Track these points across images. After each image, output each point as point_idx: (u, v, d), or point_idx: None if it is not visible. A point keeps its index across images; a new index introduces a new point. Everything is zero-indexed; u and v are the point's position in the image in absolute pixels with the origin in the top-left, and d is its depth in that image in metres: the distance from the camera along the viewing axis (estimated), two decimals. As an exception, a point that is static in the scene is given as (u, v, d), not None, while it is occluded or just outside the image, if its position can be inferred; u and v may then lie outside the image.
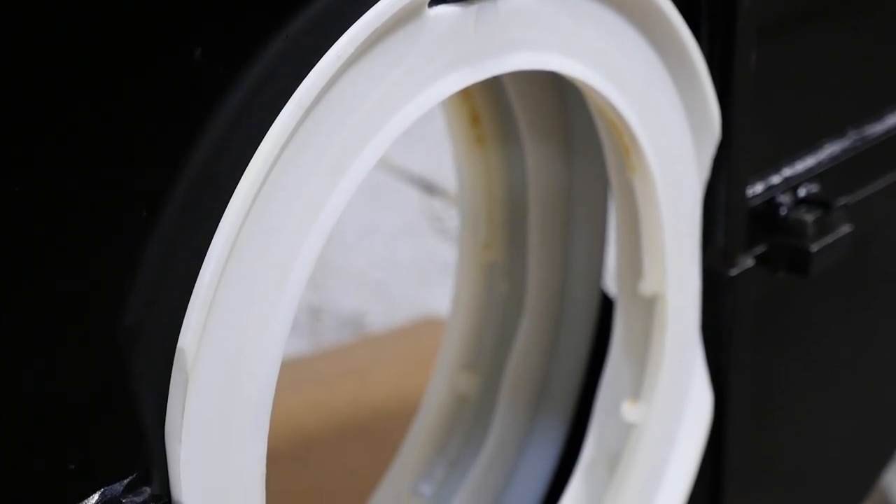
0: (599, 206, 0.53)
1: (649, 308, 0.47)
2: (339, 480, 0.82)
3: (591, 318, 0.55)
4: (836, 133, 0.53)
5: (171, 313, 0.31)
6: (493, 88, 0.52)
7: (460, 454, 0.56)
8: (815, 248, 0.49)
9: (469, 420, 0.56)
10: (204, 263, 0.31)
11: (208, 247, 0.31)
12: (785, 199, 0.50)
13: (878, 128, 0.54)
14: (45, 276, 0.29)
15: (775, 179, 0.50)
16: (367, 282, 1.22)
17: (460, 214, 0.55)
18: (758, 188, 0.50)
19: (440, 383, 0.56)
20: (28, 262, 0.29)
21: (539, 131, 0.50)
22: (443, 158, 1.20)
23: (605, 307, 0.55)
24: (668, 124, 0.44)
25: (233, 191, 0.31)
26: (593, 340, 0.55)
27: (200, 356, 0.32)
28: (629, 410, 0.48)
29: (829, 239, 0.50)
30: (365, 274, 1.22)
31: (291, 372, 0.95)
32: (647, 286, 0.46)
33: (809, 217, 0.49)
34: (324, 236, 0.34)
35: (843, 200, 0.51)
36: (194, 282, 0.31)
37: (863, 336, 0.59)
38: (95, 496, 0.31)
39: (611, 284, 0.51)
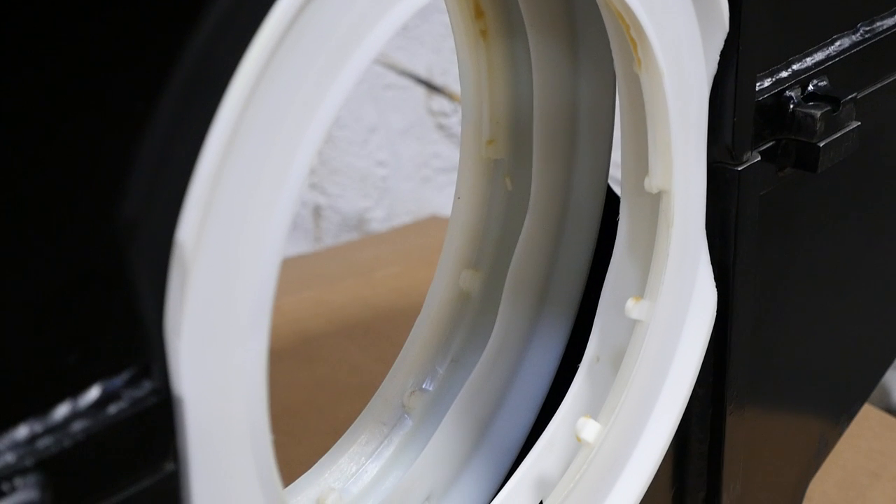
0: (605, 103, 0.52)
1: (654, 205, 0.47)
2: (341, 378, 0.82)
3: (596, 216, 0.54)
4: (846, 27, 0.52)
5: (170, 206, 0.31)
6: (498, -19, 0.51)
7: (463, 351, 0.56)
8: (823, 143, 0.49)
9: (472, 318, 0.56)
10: (202, 155, 0.31)
11: (206, 138, 0.31)
12: (793, 94, 0.49)
13: (889, 22, 0.54)
14: (39, 170, 0.28)
15: (784, 74, 0.49)
16: (370, 182, 1.22)
17: (463, 110, 0.54)
18: (766, 83, 0.49)
19: (443, 281, 0.56)
20: (22, 156, 0.28)
21: (544, 25, 0.50)
22: (447, 59, 1.19)
23: (610, 204, 0.54)
24: (675, 17, 0.43)
25: (231, 79, 0.31)
26: (598, 238, 0.55)
27: (200, 249, 0.31)
28: (633, 308, 0.47)
29: (837, 134, 0.49)
30: (368, 174, 1.21)
31: (294, 271, 0.95)
32: (653, 182, 0.46)
33: (818, 112, 0.49)
34: (326, 126, 0.34)
35: (851, 96, 0.50)
36: (193, 173, 0.31)
37: (868, 234, 0.58)
38: (95, 389, 0.30)
39: (616, 181, 0.51)
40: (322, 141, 0.34)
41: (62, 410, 0.30)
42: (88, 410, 0.30)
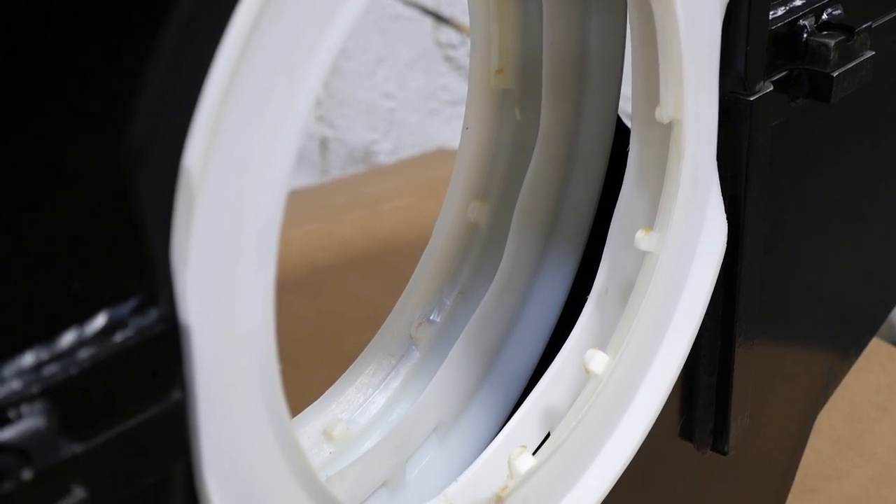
0: (616, 32, 0.51)
1: (665, 135, 0.46)
2: (348, 310, 0.82)
3: (606, 147, 0.54)
4: (862, -46, 0.51)
5: (176, 132, 0.30)
6: None
7: (471, 283, 0.55)
8: (836, 73, 0.48)
9: (480, 248, 0.55)
10: (208, 80, 0.30)
11: (213, 63, 0.30)
12: (807, 22, 0.49)
13: (905, -51, 0.53)
14: (44, 95, 0.28)
15: (798, 2, 0.49)
16: (377, 114, 1.21)
17: (471, 40, 0.53)
18: (779, 11, 0.48)
19: (450, 212, 0.55)
20: (26, 80, 0.28)
21: (554, -48, 0.49)
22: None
23: (620, 136, 0.54)
24: (688, -57, 0.43)
25: (238, 4, 0.30)
26: (607, 169, 0.54)
27: (206, 177, 0.31)
28: (643, 239, 0.47)
29: (850, 64, 0.49)
30: (375, 106, 1.21)
31: (300, 203, 0.95)
32: (664, 113, 0.45)
33: (832, 41, 0.48)
34: (332, 55, 0.33)
35: (866, 25, 0.50)
36: (199, 99, 0.30)
37: (880, 166, 0.58)
38: (101, 317, 0.30)
39: (626, 112, 0.50)
40: (328, 70, 0.34)
41: (68, 338, 0.30)
42: (94, 338, 0.30)
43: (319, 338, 0.79)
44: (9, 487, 0.28)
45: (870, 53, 0.50)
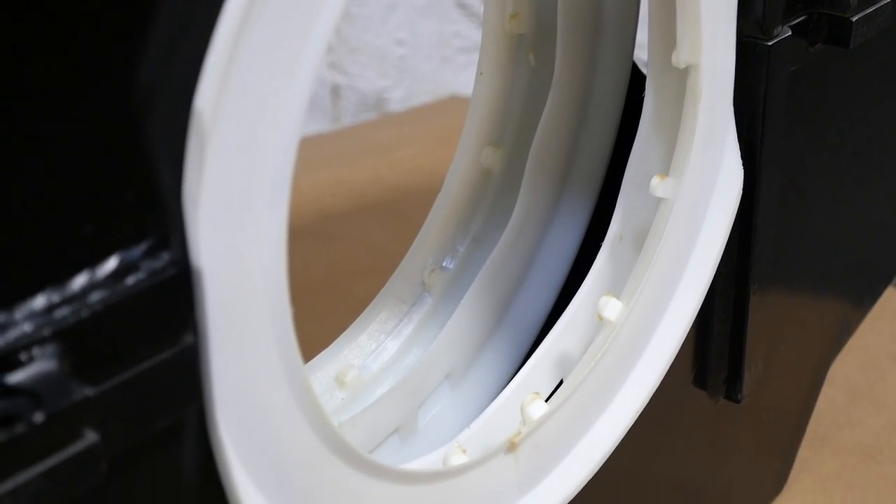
0: (631, -24, 0.51)
1: (681, 80, 0.46)
2: (361, 257, 0.82)
3: (621, 93, 0.53)
4: None
5: (188, 72, 0.30)
6: None
7: (484, 229, 0.55)
8: (856, 18, 0.48)
9: (493, 195, 0.55)
10: (221, 20, 0.30)
11: (225, 4, 0.30)
12: (827, -34, 0.48)
13: None
14: (55, 33, 0.28)
15: (818, -55, 0.48)
16: (389, 61, 1.20)
17: (486, -17, 0.53)
18: (799, -46, 0.48)
19: (464, 159, 0.55)
20: (37, 19, 0.27)
21: None
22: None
23: (635, 83, 0.53)
24: None
25: (250, -58, 0.30)
26: (622, 115, 0.54)
27: (218, 118, 0.31)
28: (658, 185, 0.47)
29: (870, 9, 0.48)
30: (387, 53, 1.20)
31: (312, 150, 0.95)
32: (681, 57, 0.45)
33: (852, -15, 0.47)
34: (346, -5, 0.33)
35: (886, -32, 0.49)
36: (211, 40, 0.30)
37: (898, 114, 0.57)
38: (113, 260, 0.30)
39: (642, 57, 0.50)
40: (341, 15, 0.33)
41: (80, 281, 0.30)
42: (106, 281, 0.30)
43: (331, 284, 0.79)
44: (21, 430, 0.28)
45: (890, -2, 0.50)
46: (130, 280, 0.30)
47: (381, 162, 0.93)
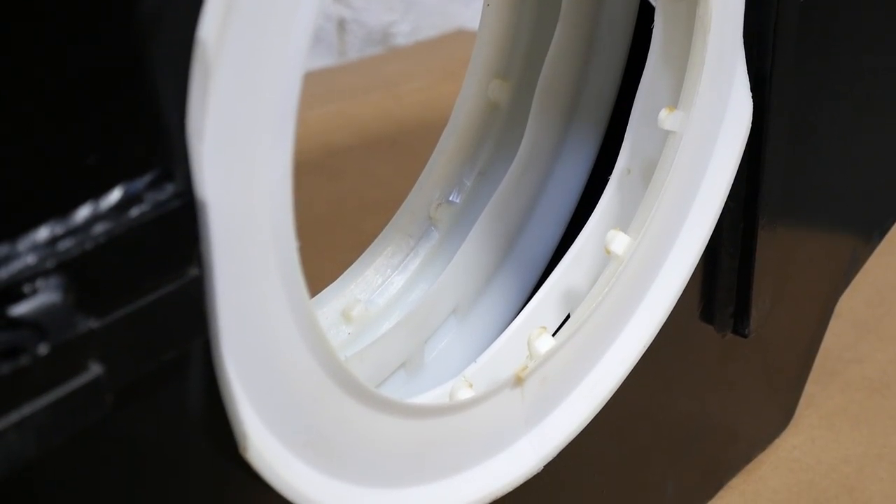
0: None
1: (691, 10, 0.45)
2: (367, 191, 0.81)
3: (629, 25, 0.53)
4: None
5: (191, 0, 0.30)
6: None
7: (491, 163, 0.55)
8: (869, -52, 0.47)
9: (500, 128, 0.55)
10: (223, -52, 0.30)
11: (228, -70, 0.29)
12: None
13: None
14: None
15: None
16: (396, -6, 1.19)
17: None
18: None
19: (471, 91, 0.55)
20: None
21: None
22: None
23: (643, 15, 0.53)
24: None
25: None
26: (630, 48, 0.53)
27: (222, 49, 0.30)
28: (667, 118, 0.46)
29: (884, -61, 0.48)
30: (393, -14, 1.19)
31: (318, 85, 0.94)
32: (690, -13, 0.44)
33: (865, -85, 0.47)
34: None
35: None
36: (213, -32, 0.30)
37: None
38: (116, 191, 0.30)
39: (651, -13, 0.49)
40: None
41: (83, 212, 0.29)
42: (110, 213, 0.30)
43: (338, 218, 0.78)
44: (25, 362, 0.28)
45: (903, -72, 0.49)
46: (134, 212, 0.30)
47: (388, 96, 0.93)
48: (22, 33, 0.27)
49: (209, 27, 0.30)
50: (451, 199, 0.55)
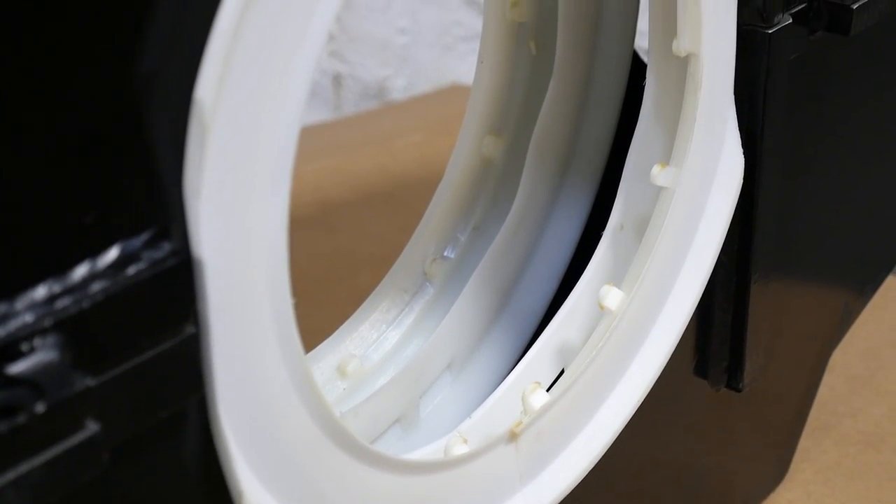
0: (632, -36, 0.51)
1: (682, 68, 0.46)
2: (362, 246, 0.82)
3: (621, 82, 0.53)
4: None
5: (188, 61, 0.30)
6: None
7: (485, 219, 0.55)
8: (856, 5, 0.47)
9: (494, 184, 0.55)
10: (221, 9, 0.30)
11: (225, -7, 0.30)
12: (827, -47, 0.48)
13: None
14: (58, 20, 0.28)
15: (819, -67, 0.48)
16: (391, 50, 1.20)
17: (487, -28, 0.53)
18: (800, -58, 0.48)
19: (465, 147, 0.55)
20: (39, 11, 0.27)
21: None
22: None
23: (636, 72, 0.53)
24: None
25: (249, -68, 0.30)
26: (623, 104, 0.54)
27: (219, 108, 0.31)
28: (659, 174, 0.47)
29: (871, -4, 0.48)
30: (388, 42, 1.20)
31: (314, 139, 0.94)
32: (681, 45, 0.45)
33: (852, -27, 0.47)
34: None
35: (887, -44, 0.49)
36: (211, 30, 0.30)
37: (900, 102, 0.57)
38: (114, 250, 0.30)
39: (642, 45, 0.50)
40: (341, 4, 0.33)
41: (81, 271, 0.30)
42: (107, 271, 0.30)
43: (333, 274, 0.79)
44: (22, 420, 0.28)
45: (891, -15, 0.49)
46: (131, 270, 0.30)
47: (383, 151, 0.93)
48: (20, 93, 0.28)
49: (206, 86, 0.30)
50: (445, 254, 0.55)
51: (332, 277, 0.78)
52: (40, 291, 0.29)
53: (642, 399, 0.48)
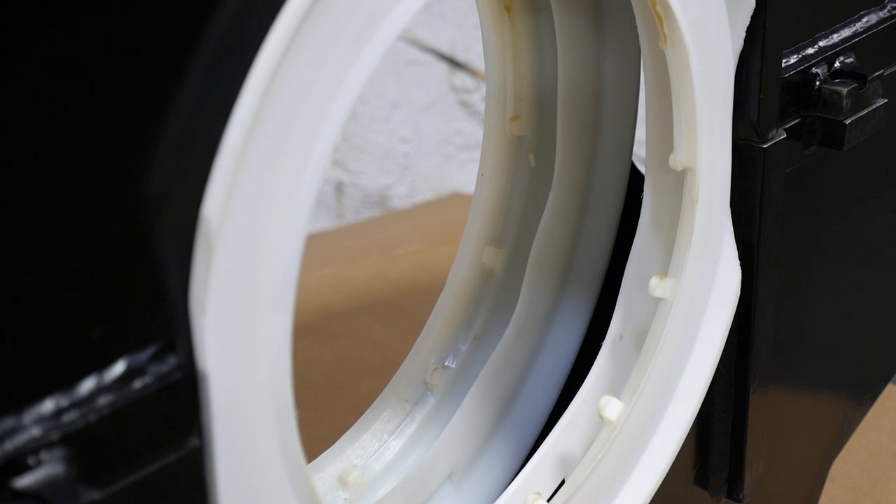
0: (630, 79, 0.52)
1: (679, 182, 0.47)
2: (364, 355, 0.82)
3: (620, 193, 0.54)
4: (874, 2, 0.51)
5: (196, 181, 0.31)
6: (523, -43, 0.50)
7: (486, 328, 0.55)
8: (849, 121, 0.48)
9: (495, 294, 0.55)
10: (228, 130, 0.31)
11: (232, 113, 0.31)
12: (820, 70, 0.49)
13: (917, -1, 0.53)
14: (67, 141, 0.28)
15: (810, 50, 0.49)
16: (393, 158, 1.22)
17: (487, 86, 0.54)
18: (792, 59, 0.49)
19: (466, 258, 0.56)
20: (50, 127, 0.28)
21: (568, 0, 0.49)
22: (470, 35, 1.18)
23: (634, 182, 0.54)
24: (702, -7, 0.43)
25: (256, 56, 0.31)
26: (621, 216, 0.54)
27: (225, 225, 0.31)
28: (657, 286, 0.47)
29: (863, 112, 0.49)
30: (390, 150, 1.21)
31: (316, 248, 0.95)
32: (678, 160, 0.46)
33: (844, 89, 0.48)
34: (350, 103, 0.33)
35: (878, 73, 0.50)
36: (218, 150, 0.31)
37: (894, 213, 0.58)
38: (120, 364, 0.31)
39: (640, 159, 0.51)
40: (346, 118, 0.34)
41: (87, 385, 0.30)
42: (114, 385, 0.30)
43: (335, 382, 0.79)
44: (28, 534, 0.28)
45: (882, 101, 0.50)
46: (137, 384, 0.31)
47: (385, 259, 0.94)
48: (30, 211, 0.28)
49: (213, 204, 0.31)
50: (446, 363, 0.55)
51: (333, 385, 0.79)
52: (47, 405, 0.29)
53: (643, 509, 0.48)
